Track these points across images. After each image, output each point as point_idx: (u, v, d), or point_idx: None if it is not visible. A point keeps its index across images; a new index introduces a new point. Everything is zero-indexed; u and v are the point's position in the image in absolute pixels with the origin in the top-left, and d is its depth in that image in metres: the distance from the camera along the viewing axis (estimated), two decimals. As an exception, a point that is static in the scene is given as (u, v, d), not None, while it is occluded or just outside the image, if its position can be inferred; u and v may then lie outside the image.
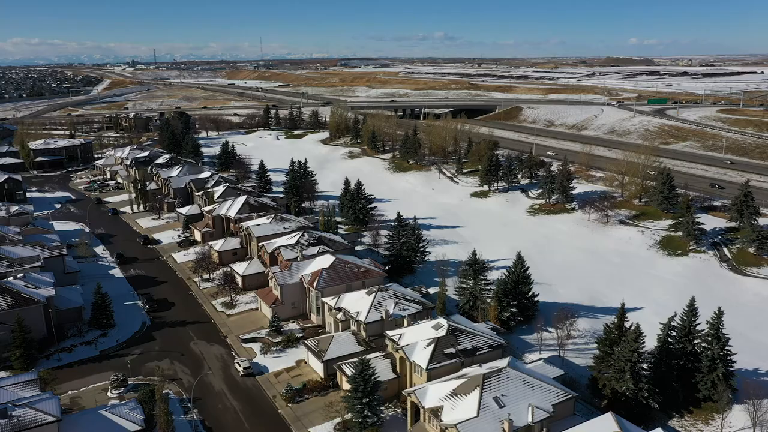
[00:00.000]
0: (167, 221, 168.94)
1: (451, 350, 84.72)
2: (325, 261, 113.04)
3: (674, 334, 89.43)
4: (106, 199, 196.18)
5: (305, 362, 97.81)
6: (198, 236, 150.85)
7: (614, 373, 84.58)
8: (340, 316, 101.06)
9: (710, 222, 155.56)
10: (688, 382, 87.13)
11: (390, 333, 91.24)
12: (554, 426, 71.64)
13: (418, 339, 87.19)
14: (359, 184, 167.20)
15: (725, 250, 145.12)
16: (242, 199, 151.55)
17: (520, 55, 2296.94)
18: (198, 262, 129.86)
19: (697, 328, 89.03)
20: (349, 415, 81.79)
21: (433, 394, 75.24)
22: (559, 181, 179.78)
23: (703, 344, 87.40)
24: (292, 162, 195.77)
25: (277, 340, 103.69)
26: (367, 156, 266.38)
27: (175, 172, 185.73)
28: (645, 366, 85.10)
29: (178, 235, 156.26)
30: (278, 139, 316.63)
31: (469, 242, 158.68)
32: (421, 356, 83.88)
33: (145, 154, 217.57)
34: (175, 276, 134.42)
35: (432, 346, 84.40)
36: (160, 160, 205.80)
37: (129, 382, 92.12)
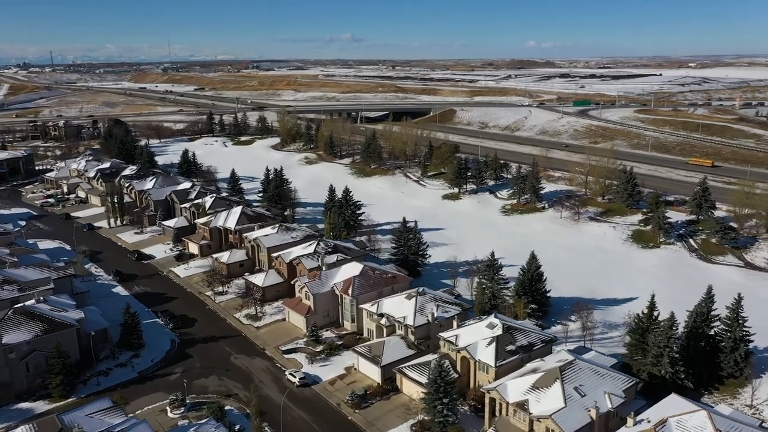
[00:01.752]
0: (152, 235, 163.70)
1: (511, 347, 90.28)
2: (354, 269, 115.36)
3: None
4: (74, 214, 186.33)
5: (355, 368, 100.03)
6: (194, 249, 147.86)
7: (652, 358, 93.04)
8: (383, 321, 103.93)
9: (672, 216, 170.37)
10: (710, 362, 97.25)
11: (444, 335, 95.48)
12: (624, 410, 78.78)
13: (476, 339, 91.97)
14: (347, 191, 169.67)
15: (691, 241, 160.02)
16: (238, 209, 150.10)
17: (428, 56, 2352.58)
18: (211, 275, 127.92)
19: (712, 313, 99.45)
20: (420, 416, 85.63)
21: (514, 389, 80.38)
22: (530, 182, 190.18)
23: (723, 327, 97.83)
24: (267, 170, 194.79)
25: (318, 349, 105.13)
26: (325, 161, 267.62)
27: (149, 183, 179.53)
28: (675, 349, 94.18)
29: (171, 249, 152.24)
30: (226, 145, 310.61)
31: (457, 244, 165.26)
32: (485, 355, 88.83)
33: (107, 165, 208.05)
34: (184, 291, 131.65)
35: (494, 345, 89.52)
36: (127, 172, 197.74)
37: (187, 401, 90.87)
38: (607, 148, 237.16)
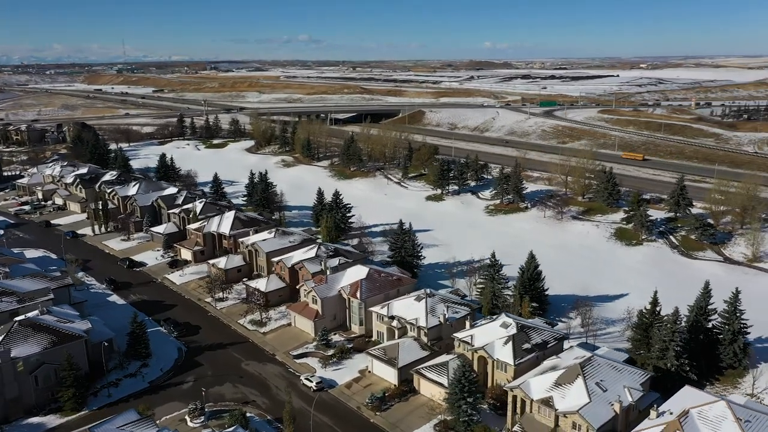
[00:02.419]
0: (140, 242, 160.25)
1: (527, 345, 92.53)
2: (360, 272, 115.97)
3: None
4: (54, 222, 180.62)
5: (369, 371, 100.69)
6: (187, 255, 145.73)
7: (658, 352, 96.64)
8: (395, 323, 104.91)
9: (650, 213, 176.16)
10: (709, 354, 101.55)
11: (459, 335, 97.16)
12: (640, 403, 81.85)
13: (492, 338, 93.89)
14: (337, 194, 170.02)
15: (671, 237, 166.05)
16: (231, 214, 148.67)
17: (387, 57, 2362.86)
18: (211, 281, 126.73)
19: (709, 308, 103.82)
20: (442, 416, 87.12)
21: (537, 386, 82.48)
22: (513, 182, 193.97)
23: (720, 320, 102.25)
24: (252, 173, 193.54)
25: (329, 353, 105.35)
26: (303, 164, 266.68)
27: (133, 189, 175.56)
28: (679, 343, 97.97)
29: (162, 256, 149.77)
30: (198, 149, 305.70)
31: (446, 245, 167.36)
32: (503, 354, 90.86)
33: (85, 171, 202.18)
34: (182, 298, 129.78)
35: (510, 344, 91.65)
36: (107, 177, 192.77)
37: (206, 410, 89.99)
38: (583, 149, 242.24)
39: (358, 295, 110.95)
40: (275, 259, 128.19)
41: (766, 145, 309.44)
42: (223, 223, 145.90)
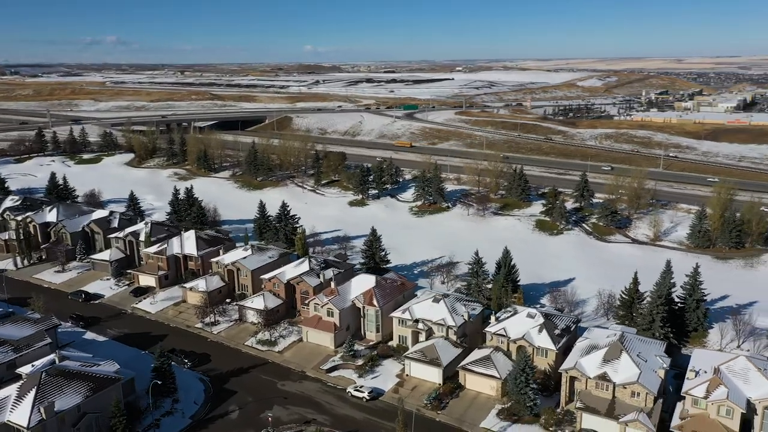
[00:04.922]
0: (79, 272, 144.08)
1: (557, 331, 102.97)
2: (368, 281, 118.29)
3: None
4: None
5: (407, 375, 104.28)
6: (151, 281, 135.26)
7: (646, 324, 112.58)
8: (420, 326, 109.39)
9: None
10: (676, 321, 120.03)
11: (492, 329, 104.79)
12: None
13: (525, 329, 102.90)
14: (285, 206, 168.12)
15: (584, 225, 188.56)
16: (191, 234, 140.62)
17: (206, 60, 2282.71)
18: (204, 306, 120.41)
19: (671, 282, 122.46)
20: (500, 405, 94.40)
21: (589, 365, 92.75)
22: (435, 184, 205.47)
23: (683, 292, 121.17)
24: (176, 190, 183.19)
25: (359, 363, 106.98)
26: (200, 176, 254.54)
27: (51, 215, 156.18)
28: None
29: (116, 284, 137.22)
30: (68, 165, 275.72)
31: (394, 248, 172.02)
32: (542, 341, 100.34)
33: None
34: (169, 327, 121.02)
35: (545, 331, 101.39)
36: (9, 203, 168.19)
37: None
38: (496, 152, 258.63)
39: (374, 303, 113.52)
40: (266, 276, 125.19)
41: (605, 139, 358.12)
42: (187, 244, 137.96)
